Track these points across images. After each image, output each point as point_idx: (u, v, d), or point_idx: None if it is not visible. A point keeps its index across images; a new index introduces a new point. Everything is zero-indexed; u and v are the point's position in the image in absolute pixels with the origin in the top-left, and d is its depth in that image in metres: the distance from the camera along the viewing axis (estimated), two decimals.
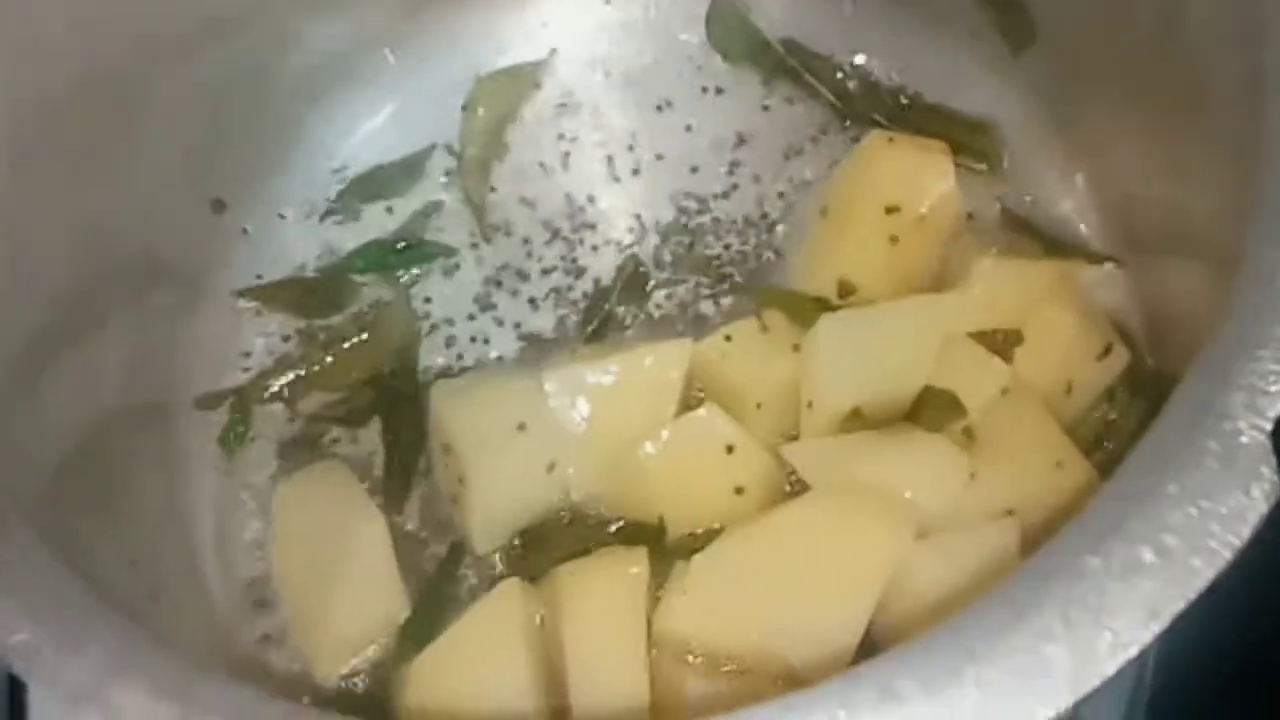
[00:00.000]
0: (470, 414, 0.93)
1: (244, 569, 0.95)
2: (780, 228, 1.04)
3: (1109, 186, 0.99)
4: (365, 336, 1.01)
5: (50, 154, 0.85)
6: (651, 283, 1.03)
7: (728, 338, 0.94)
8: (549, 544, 0.93)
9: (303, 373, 1.00)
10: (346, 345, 1.01)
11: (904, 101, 1.06)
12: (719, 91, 1.09)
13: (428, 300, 1.04)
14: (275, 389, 1.00)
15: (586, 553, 0.91)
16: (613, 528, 0.93)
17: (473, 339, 1.02)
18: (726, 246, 1.03)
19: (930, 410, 0.90)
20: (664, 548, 0.91)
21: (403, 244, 1.04)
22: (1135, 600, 0.58)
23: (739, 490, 0.91)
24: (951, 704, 0.56)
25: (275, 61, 1.03)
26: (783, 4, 1.09)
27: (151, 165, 0.94)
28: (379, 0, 1.06)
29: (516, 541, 0.94)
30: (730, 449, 0.90)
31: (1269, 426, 0.62)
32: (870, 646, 0.85)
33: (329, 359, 1.01)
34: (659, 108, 1.09)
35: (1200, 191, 0.84)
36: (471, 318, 1.03)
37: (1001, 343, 0.93)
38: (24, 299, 0.81)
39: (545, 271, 1.04)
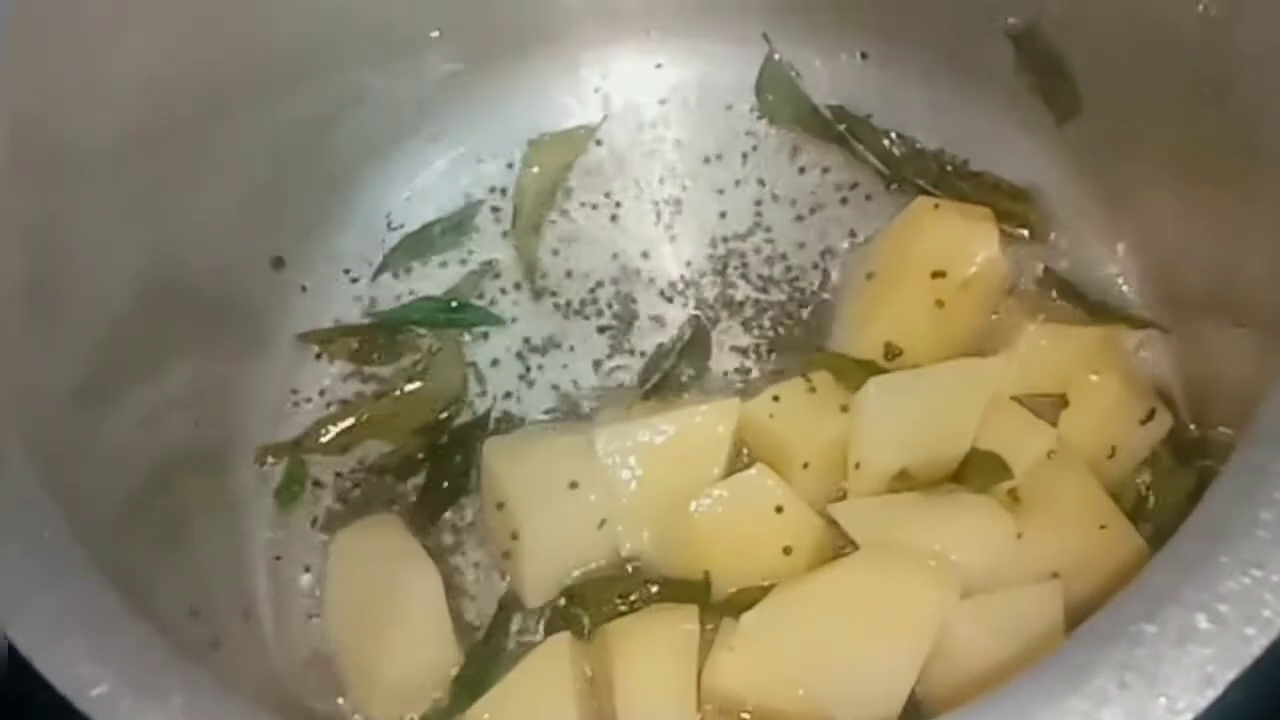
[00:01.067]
0: (524, 471, 0.94)
1: (299, 620, 0.97)
2: (827, 292, 1.05)
3: (1153, 252, 1.00)
4: (419, 385, 1.03)
5: (118, 195, 0.87)
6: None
7: (776, 398, 0.96)
8: (598, 599, 0.93)
9: (357, 422, 1.02)
10: (399, 395, 1.03)
11: (948, 168, 1.07)
12: (766, 155, 1.11)
13: (477, 355, 1.05)
14: (330, 438, 1.02)
15: (634, 608, 0.92)
16: (660, 585, 0.94)
17: (522, 394, 1.04)
18: (774, 307, 1.05)
19: (976, 472, 0.91)
20: (710, 605, 0.91)
21: (455, 303, 1.06)
22: (1190, 666, 0.59)
23: (787, 550, 0.91)
24: None
25: (338, 116, 1.05)
26: (831, 71, 1.10)
27: (214, 215, 0.96)
28: (443, 54, 1.08)
29: (565, 597, 0.94)
30: (779, 509, 0.91)
31: None
32: (914, 705, 0.86)
33: (383, 408, 1.02)
34: (708, 171, 1.10)
35: (1246, 256, 0.86)
36: (521, 376, 1.05)
37: (1046, 407, 0.94)
38: (89, 328, 0.84)
39: (596, 330, 1.06)
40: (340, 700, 0.93)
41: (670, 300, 1.06)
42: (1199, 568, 0.62)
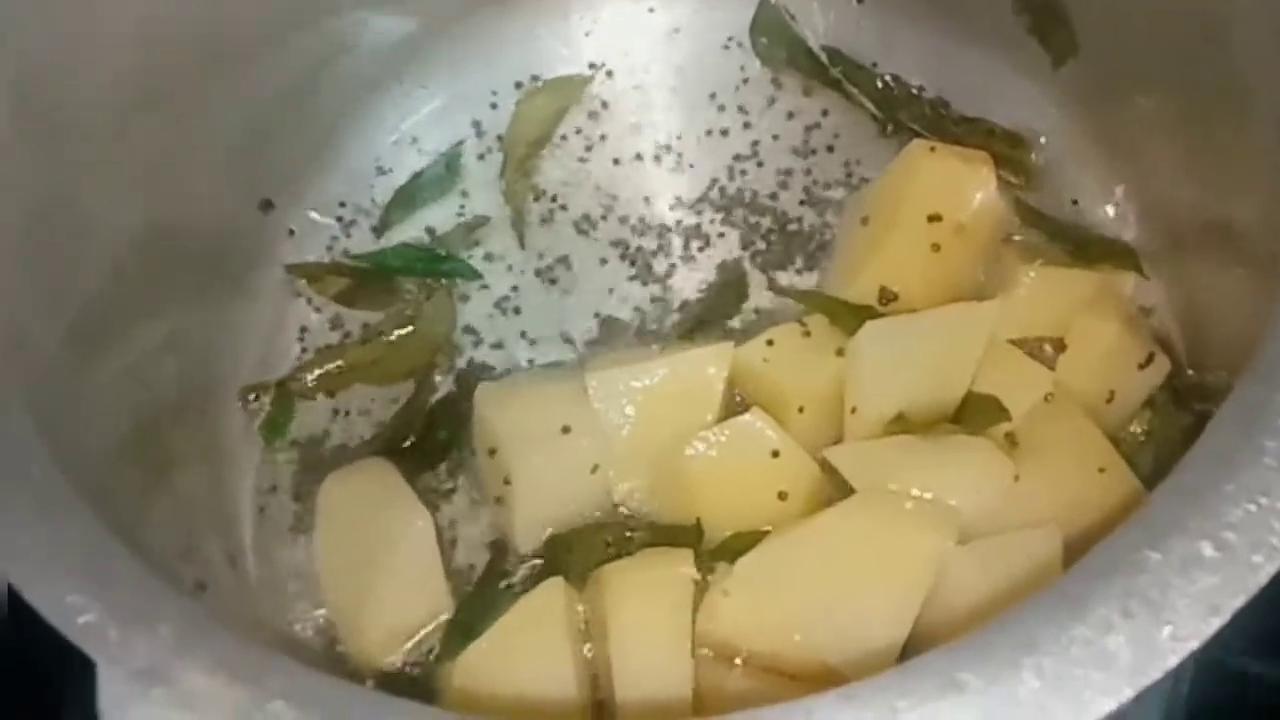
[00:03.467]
0: (515, 416, 0.93)
1: (285, 562, 0.96)
2: (822, 236, 1.04)
3: (1150, 195, 0.99)
4: (408, 331, 1.02)
5: (112, 146, 0.86)
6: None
7: (770, 342, 0.95)
8: (589, 544, 0.93)
9: (345, 364, 1.01)
10: (388, 339, 1.02)
11: (943, 112, 1.07)
12: (761, 99, 1.09)
13: (468, 302, 1.05)
14: (316, 380, 1.01)
15: (627, 554, 0.91)
16: (652, 530, 0.93)
17: (514, 341, 1.03)
18: (769, 251, 1.04)
19: (974, 415, 0.91)
20: (703, 550, 0.91)
21: (443, 251, 1.05)
22: (1195, 594, 0.58)
23: (782, 495, 0.91)
24: (1011, 694, 0.57)
25: (329, 60, 1.03)
26: (826, 13, 1.09)
27: (204, 162, 0.95)
28: None
29: (557, 542, 0.94)
30: (775, 454, 0.90)
31: None
32: (911, 651, 0.86)
33: (370, 353, 1.02)
34: (701, 115, 1.09)
35: (1243, 197, 0.85)
36: (512, 323, 1.04)
37: (1044, 351, 0.93)
38: (81, 274, 0.83)
39: (590, 275, 1.05)
40: (329, 643, 0.92)
41: (665, 245, 1.05)
42: (1204, 497, 0.61)
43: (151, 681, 0.58)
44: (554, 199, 1.08)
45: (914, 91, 1.07)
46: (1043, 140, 1.04)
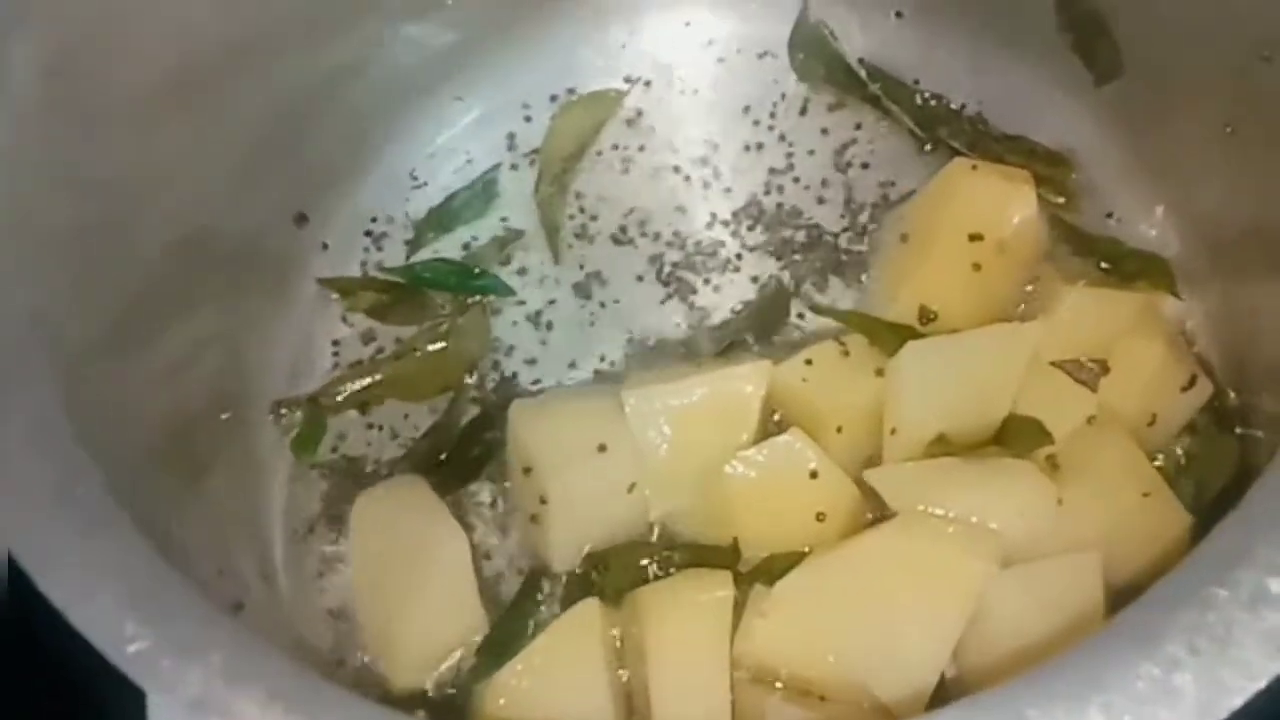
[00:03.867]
0: (551, 434, 0.93)
1: (319, 582, 0.95)
2: (859, 253, 1.03)
3: (1191, 215, 0.98)
4: (441, 346, 1.01)
5: (147, 147, 0.86)
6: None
7: (808, 361, 0.94)
8: (626, 565, 0.92)
9: (377, 379, 1.01)
10: (421, 354, 1.01)
11: (982, 129, 1.06)
12: (799, 114, 1.09)
13: (502, 317, 1.04)
14: (348, 395, 1.00)
15: (664, 574, 0.91)
16: (689, 550, 0.93)
17: (548, 358, 1.02)
18: (807, 267, 1.03)
19: (1016, 437, 0.90)
20: (739, 571, 0.90)
21: (477, 270, 1.04)
22: (1263, 631, 0.58)
23: (820, 516, 0.90)
24: None
25: (363, 68, 1.03)
26: (865, 29, 1.09)
27: (239, 169, 0.94)
28: (471, 8, 1.06)
29: (592, 562, 0.93)
30: (814, 475, 0.90)
31: None
32: (950, 676, 0.85)
33: (403, 368, 1.01)
34: (737, 129, 1.09)
35: None
36: (545, 340, 1.03)
37: (1087, 373, 0.93)
38: (118, 279, 0.83)
39: (625, 290, 1.04)
40: (363, 661, 0.92)
41: (702, 260, 1.04)
42: (1270, 529, 0.60)
43: (205, 712, 0.57)
44: (589, 213, 1.07)
45: (954, 108, 1.07)
46: (1083, 159, 1.03)
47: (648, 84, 1.11)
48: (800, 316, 1.02)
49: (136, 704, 0.58)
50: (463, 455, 0.98)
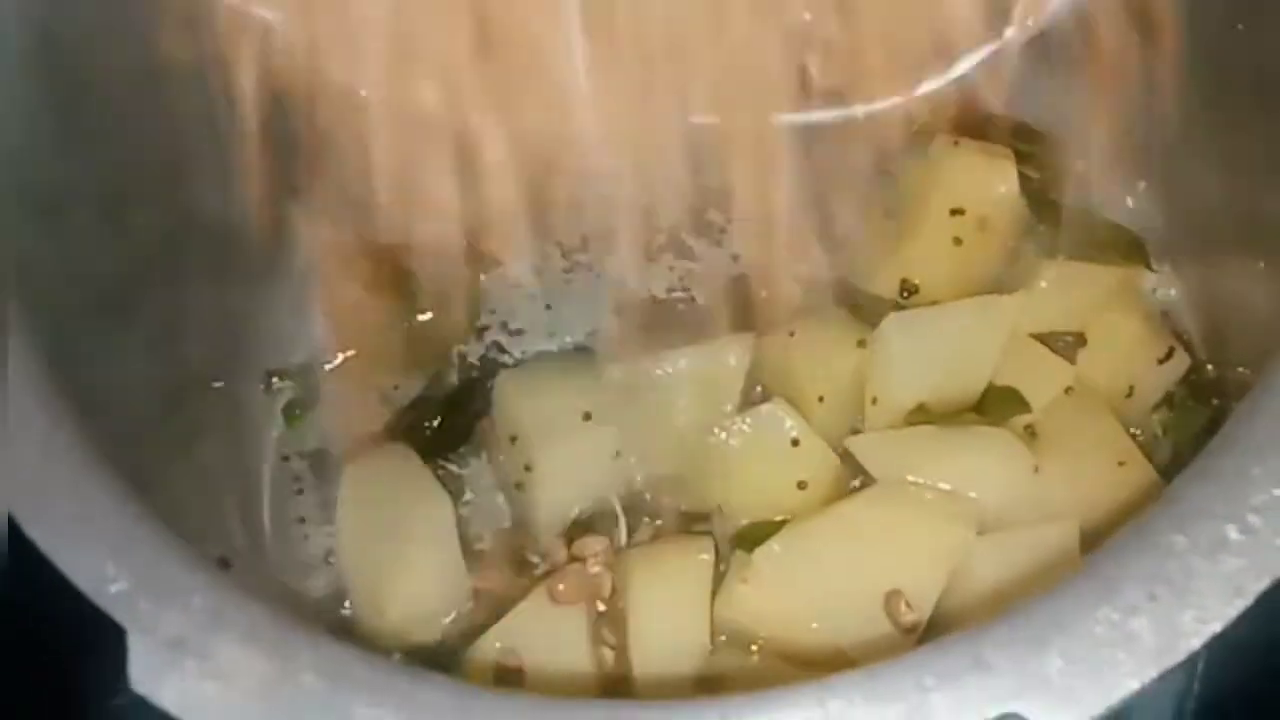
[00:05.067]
0: (537, 403, 0.94)
1: (307, 547, 0.96)
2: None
3: (1173, 191, 0.99)
4: (430, 316, 1.02)
5: (136, 118, 0.86)
6: None
7: (791, 332, 0.95)
8: (608, 531, 0.93)
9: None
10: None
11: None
12: None
13: (490, 289, 1.05)
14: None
15: (646, 540, 0.92)
16: (670, 516, 0.94)
17: (535, 329, 1.03)
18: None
19: (994, 407, 0.91)
20: (721, 538, 0.91)
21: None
22: (1220, 577, 0.58)
23: (802, 485, 0.91)
24: (1037, 675, 0.57)
25: None
26: None
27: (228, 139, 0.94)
28: None
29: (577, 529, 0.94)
30: (795, 443, 0.91)
31: None
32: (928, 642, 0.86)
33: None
34: None
35: (1269, 193, 0.85)
36: (534, 310, 1.04)
37: (1065, 345, 0.94)
38: (107, 243, 0.84)
39: (609, 259, 1.04)
40: (349, 626, 0.93)
41: (690, 230, 1.04)
42: (1229, 481, 0.61)
43: (184, 652, 0.58)
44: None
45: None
46: (1064, 136, 1.04)
47: None
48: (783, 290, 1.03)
49: (119, 644, 0.59)
50: (449, 424, 0.99)
